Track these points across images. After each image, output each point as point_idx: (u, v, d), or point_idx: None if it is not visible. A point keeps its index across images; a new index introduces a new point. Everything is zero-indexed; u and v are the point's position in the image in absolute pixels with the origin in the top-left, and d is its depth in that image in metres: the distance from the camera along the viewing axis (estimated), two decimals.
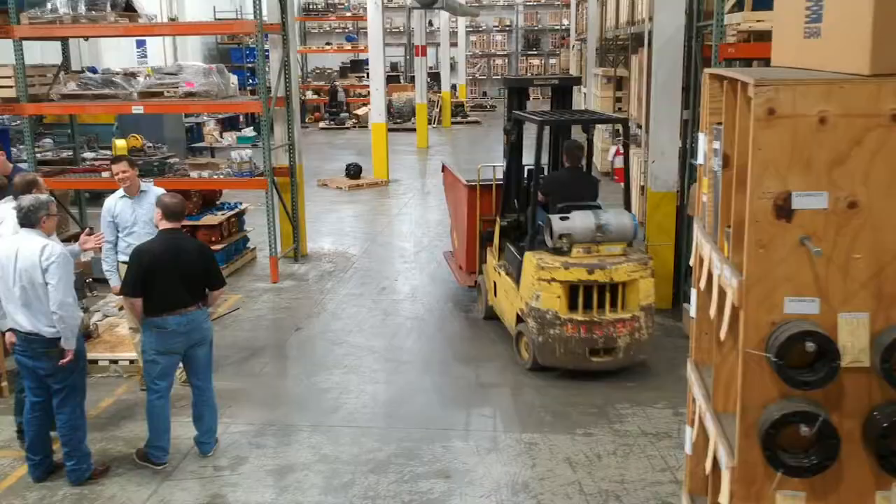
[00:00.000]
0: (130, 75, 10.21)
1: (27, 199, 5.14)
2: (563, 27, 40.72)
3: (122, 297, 6.64)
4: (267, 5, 9.79)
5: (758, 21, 7.33)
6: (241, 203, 11.05)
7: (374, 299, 9.40)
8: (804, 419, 2.63)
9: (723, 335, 2.91)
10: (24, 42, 9.66)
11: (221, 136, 16.95)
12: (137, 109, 9.68)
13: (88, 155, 12.95)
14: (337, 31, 39.15)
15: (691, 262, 3.60)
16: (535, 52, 42.80)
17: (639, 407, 6.50)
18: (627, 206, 7.69)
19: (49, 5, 9.57)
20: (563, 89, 8.71)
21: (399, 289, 9.82)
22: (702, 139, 3.51)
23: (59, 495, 5.32)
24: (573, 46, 32.26)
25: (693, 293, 3.65)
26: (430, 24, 32.27)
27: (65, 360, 5.13)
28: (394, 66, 39.77)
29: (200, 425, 5.82)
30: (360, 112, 29.11)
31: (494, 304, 8.27)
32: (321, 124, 28.66)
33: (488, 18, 42.55)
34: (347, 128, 28.28)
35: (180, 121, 16.17)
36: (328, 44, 34.88)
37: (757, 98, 2.57)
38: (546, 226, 7.08)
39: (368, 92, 31.62)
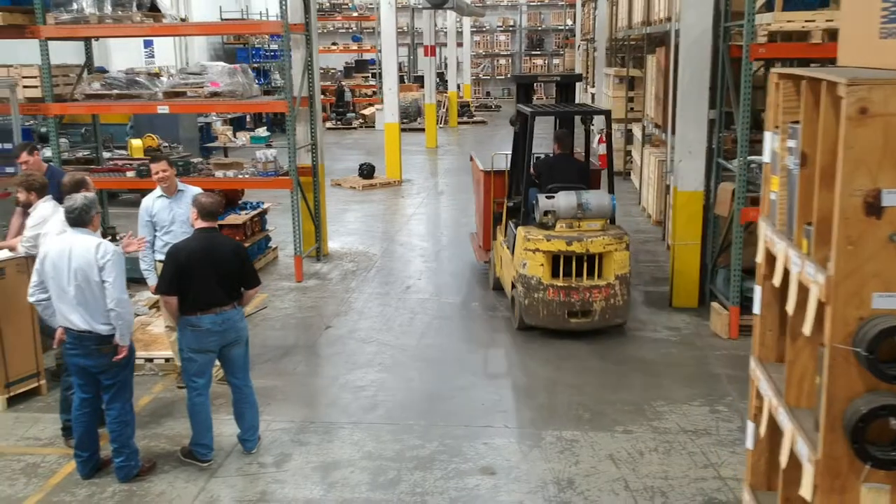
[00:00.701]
0: (154, 75, 10.25)
1: (80, 199, 5.17)
2: (567, 27, 40.81)
3: (158, 295, 6.73)
4: (290, 5, 9.81)
5: (788, 21, 7.40)
6: (262, 203, 11.10)
7: (400, 298, 9.44)
8: (893, 413, 2.68)
9: (807, 331, 2.95)
10: (37, 41, 9.66)
11: (235, 137, 16.98)
12: (163, 109, 9.72)
13: (104, 155, 12.97)
14: (340, 31, 39.23)
15: (758, 259, 3.64)
16: (539, 52, 42.90)
17: (675, 405, 6.54)
18: (610, 189, 8.50)
19: (75, 6, 9.59)
20: (565, 85, 9.55)
21: (423, 287, 9.86)
22: (770, 138, 3.56)
23: (108, 492, 5.36)
24: (579, 46, 32.35)
25: (757, 290, 3.70)
26: (434, 24, 32.26)
27: (119, 356, 5.18)
28: (398, 66, 39.86)
29: (242, 423, 5.85)
30: (366, 112, 29.17)
31: (500, 276, 9.12)
32: (328, 124, 28.65)
33: (492, 18, 42.64)
34: (354, 128, 28.35)
35: (194, 121, 16.21)
36: (334, 44, 34.90)
37: (849, 97, 2.61)
38: (535, 204, 8.04)
39: (374, 92, 31.97)
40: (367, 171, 17.09)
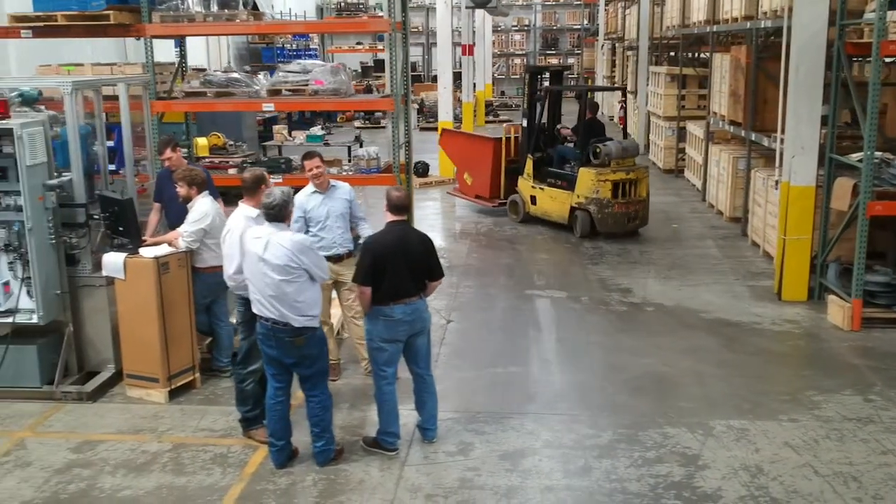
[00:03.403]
0: (253, 73, 10.32)
1: (278, 195, 5.27)
2: (584, 26, 40.99)
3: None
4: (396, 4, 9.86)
5: None
6: None
7: (507, 291, 9.57)
8: None
9: None
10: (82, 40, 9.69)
11: (290, 135, 17.01)
12: (268, 107, 9.80)
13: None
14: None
15: None
16: (554, 52, 43.03)
17: (828, 394, 6.68)
18: (624, 136, 13.06)
19: (181, 4, 9.65)
20: (557, 73, 14.26)
21: (527, 281, 9.96)
22: None
23: (308, 480, 5.45)
24: (602, 45, 32.52)
25: None
26: (473, 24, 32.31)
27: None
28: (413, 66, 39.99)
29: (423, 412, 5.96)
30: None
31: (533, 210, 12.83)
32: (356, 123, 28.75)
33: (507, 18, 42.73)
34: (382, 127, 28.34)
35: (255, 119, 16.25)
36: (359, 43, 34.96)
37: None
38: (591, 150, 11.90)
39: None
40: (421, 170, 17.18)
